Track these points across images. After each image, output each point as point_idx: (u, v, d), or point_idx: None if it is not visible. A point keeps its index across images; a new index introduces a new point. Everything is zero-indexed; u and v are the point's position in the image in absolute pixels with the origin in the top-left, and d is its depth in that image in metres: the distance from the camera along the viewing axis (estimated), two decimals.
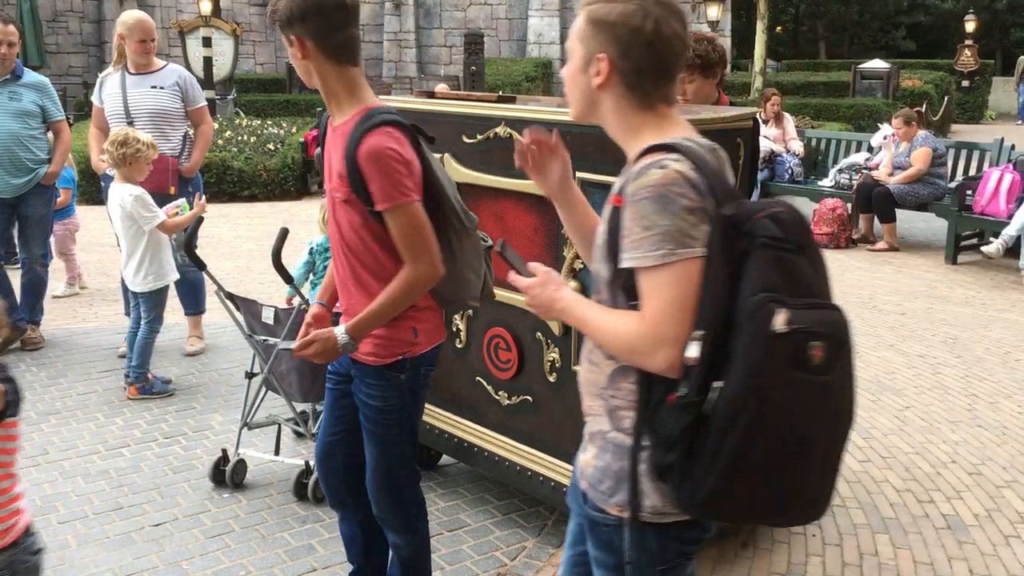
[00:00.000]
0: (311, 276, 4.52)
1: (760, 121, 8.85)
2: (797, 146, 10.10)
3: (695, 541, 1.79)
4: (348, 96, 2.45)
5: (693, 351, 1.56)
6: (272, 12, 2.43)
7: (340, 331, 2.47)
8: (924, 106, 12.73)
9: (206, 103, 5.61)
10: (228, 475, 3.82)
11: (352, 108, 2.44)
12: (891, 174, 8.77)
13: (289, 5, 2.37)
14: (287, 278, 3.82)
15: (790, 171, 9.97)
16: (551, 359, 3.20)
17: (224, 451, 3.89)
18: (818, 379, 1.54)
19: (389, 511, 2.68)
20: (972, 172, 9.09)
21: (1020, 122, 22.50)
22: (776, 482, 1.58)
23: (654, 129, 1.72)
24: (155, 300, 4.82)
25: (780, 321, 1.50)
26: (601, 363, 1.77)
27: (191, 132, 5.47)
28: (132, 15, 5.29)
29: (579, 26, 1.76)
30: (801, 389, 1.53)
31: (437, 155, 3.43)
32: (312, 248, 4.47)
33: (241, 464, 3.87)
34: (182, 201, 4.90)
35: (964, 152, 9.43)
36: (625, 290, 1.70)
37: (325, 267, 4.63)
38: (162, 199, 4.89)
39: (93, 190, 9.26)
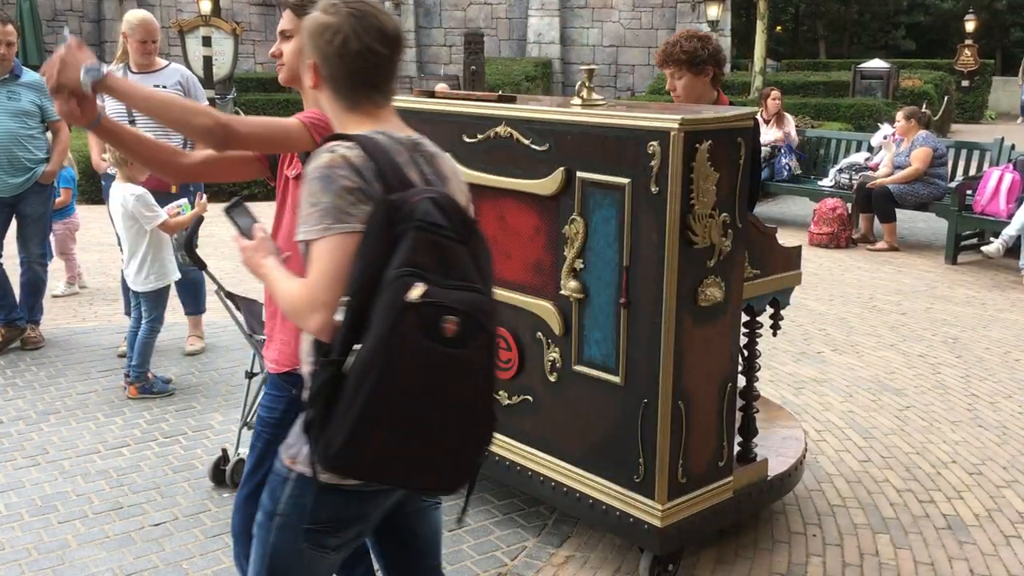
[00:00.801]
0: None
1: (760, 121, 8.85)
2: (790, 134, 10.09)
3: (353, 520, 1.88)
4: None
5: (339, 315, 1.70)
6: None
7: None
8: (924, 105, 12.69)
9: (208, 103, 5.61)
10: (228, 475, 3.81)
11: None
12: (890, 174, 8.77)
13: None
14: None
15: (788, 168, 9.96)
16: (551, 359, 3.20)
17: (224, 451, 3.88)
18: (450, 351, 1.67)
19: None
20: (972, 172, 9.09)
21: (1021, 120, 22.47)
22: (404, 442, 1.70)
23: (356, 127, 1.89)
24: (156, 300, 4.82)
25: (415, 293, 1.64)
26: (306, 332, 1.93)
27: None
28: (136, 15, 5.29)
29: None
30: (431, 357, 1.66)
31: None
32: None
33: (241, 464, 3.86)
34: (183, 201, 4.89)
35: (964, 152, 9.42)
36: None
37: None
38: (164, 198, 4.89)
39: (93, 189, 9.26)
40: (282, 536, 1.88)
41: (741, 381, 3.30)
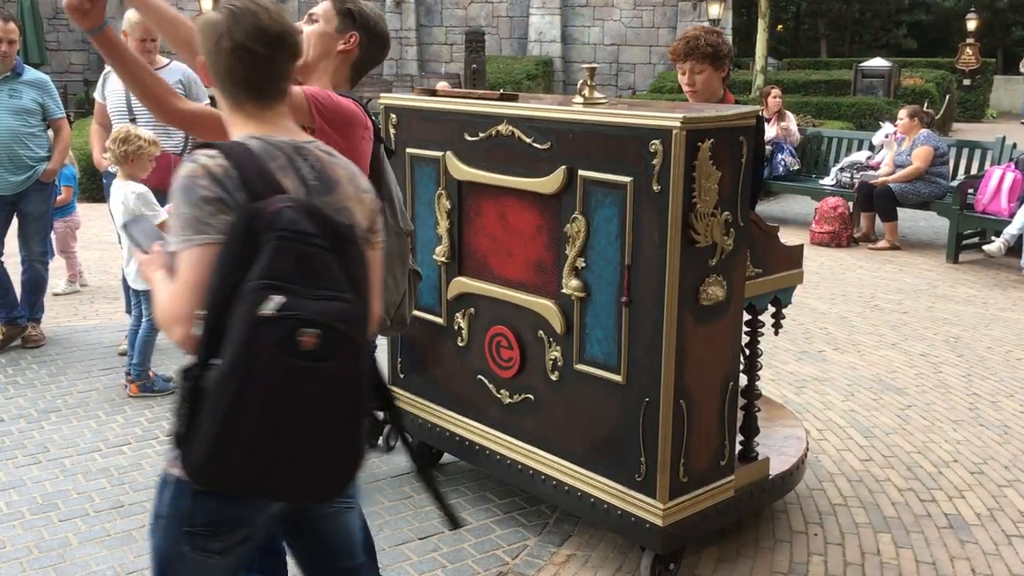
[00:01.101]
0: None
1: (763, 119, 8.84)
2: (791, 130, 10.07)
3: (233, 525, 1.85)
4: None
5: (197, 329, 1.70)
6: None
7: None
8: (925, 104, 12.67)
9: (209, 101, 5.60)
10: None
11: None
12: (892, 173, 8.76)
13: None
14: None
15: (783, 164, 9.95)
16: (553, 357, 3.20)
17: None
18: (311, 364, 1.64)
19: None
20: (974, 171, 9.08)
21: None
22: (268, 456, 1.69)
23: (240, 127, 1.88)
24: None
25: (270, 307, 1.61)
26: None
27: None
28: (136, 13, 5.28)
29: None
30: (289, 371, 1.63)
31: (439, 152, 3.45)
32: None
33: None
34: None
35: (966, 151, 9.41)
36: None
37: None
38: (165, 196, 4.88)
39: (94, 187, 9.25)
40: (166, 538, 1.87)
41: (743, 380, 3.30)
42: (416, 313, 3.68)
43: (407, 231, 2.72)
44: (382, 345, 3.92)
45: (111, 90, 5.32)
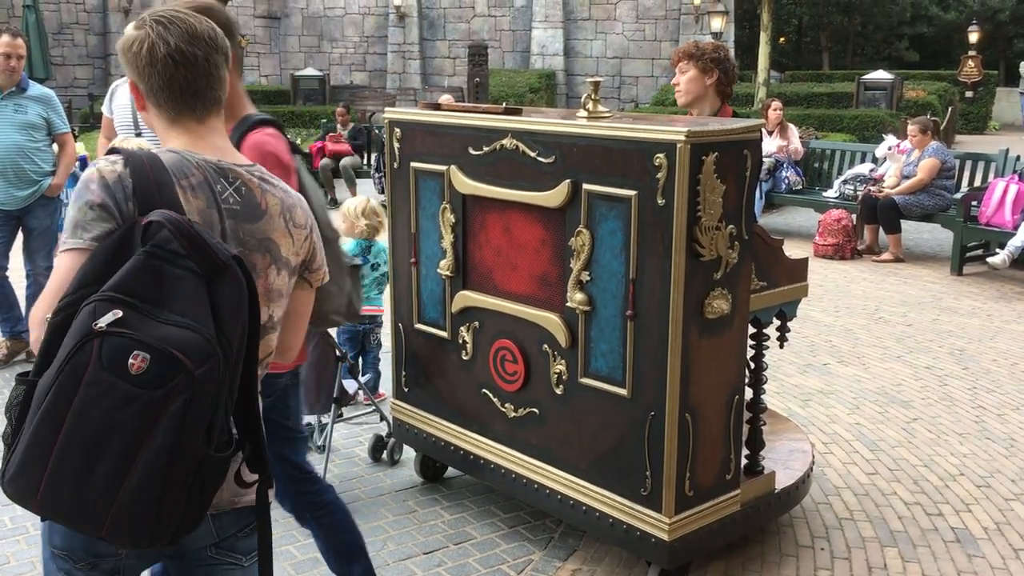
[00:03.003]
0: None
1: (764, 132, 8.84)
2: (794, 147, 10.07)
3: (90, 555, 1.71)
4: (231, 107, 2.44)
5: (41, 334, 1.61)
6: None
7: None
8: (928, 115, 12.69)
9: None
10: None
11: (231, 120, 2.44)
12: (898, 184, 8.76)
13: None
14: None
15: (786, 181, 9.96)
16: (557, 371, 3.19)
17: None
18: (136, 390, 1.50)
19: None
20: (977, 183, 9.08)
21: None
22: (75, 484, 1.52)
23: (177, 143, 1.80)
24: None
25: (104, 320, 1.51)
26: None
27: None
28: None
29: None
30: (109, 392, 1.50)
31: (443, 167, 3.45)
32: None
33: None
34: None
35: (969, 163, 9.42)
36: None
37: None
38: None
39: None
40: (43, 553, 1.79)
41: (748, 393, 3.29)
42: (420, 327, 3.69)
43: (334, 238, 2.64)
44: (386, 355, 3.92)
45: (118, 104, 5.34)
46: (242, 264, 1.66)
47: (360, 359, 4.87)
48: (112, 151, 1.72)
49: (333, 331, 4.32)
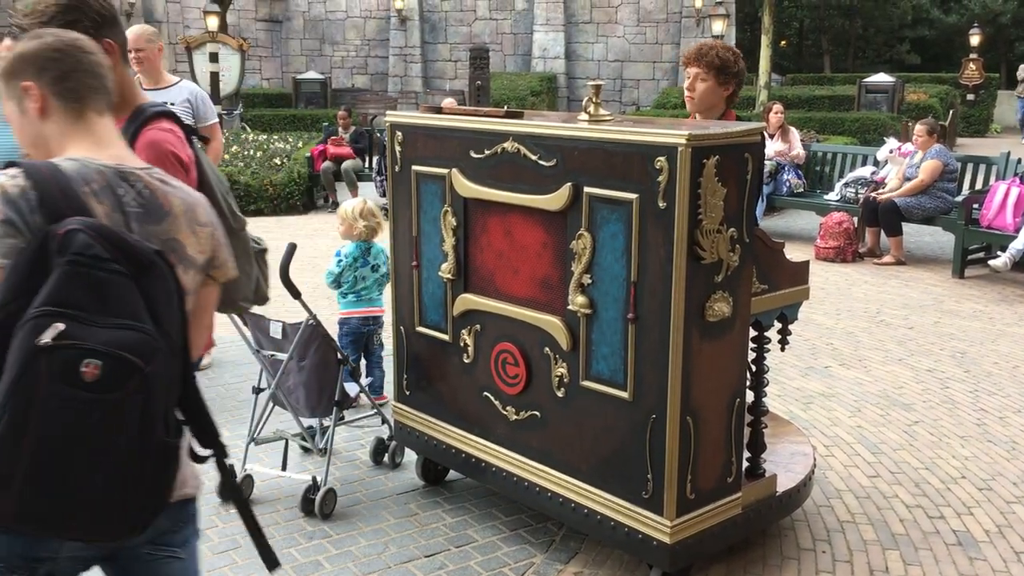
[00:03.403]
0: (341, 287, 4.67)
1: (765, 135, 8.84)
2: (796, 153, 10.09)
3: (26, 560, 1.73)
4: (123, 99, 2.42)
5: None
6: None
7: None
8: (929, 117, 12.70)
9: (218, 120, 5.64)
10: None
11: (125, 112, 2.42)
12: (901, 186, 8.76)
13: None
14: (295, 293, 3.82)
15: (787, 184, 9.97)
16: (559, 374, 3.20)
17: (231, 466, 3.87)
18: (95, 396, 1.56)
19: None
20: (979, 185, 9.08)
21: (1022, 137, 22.29)
22: (45, 491, 1.59)
23: (75, 148, 1.80)
24: None
25: (47, 336, 1.54)
26: None
27: (202, 148, 5.46)
28: (130, 29, 5.37)
29: None
30: (70, 403, 1.55)
31: (444, 170, 3.46)
32: (340, 259, 4.58)
33: (248, 479, 3.86)
34: None
35: (970, 165, 9.42)
36: None
37: (354, 277, 4.67)
38: None
39: None
40: None
41: (749, 396, 3.29)
42: (421, 330, 3.69)
43: (240, 227, 2.61)
44: (387, 357, 3.92)
45: None
46: (165, 258, 1.72)
47: (365, 360, 4.88)
48: (10, 164, 1.71)
49: (335, 334, 4.32)
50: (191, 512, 1.96)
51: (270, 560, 1.96)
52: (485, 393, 3.47)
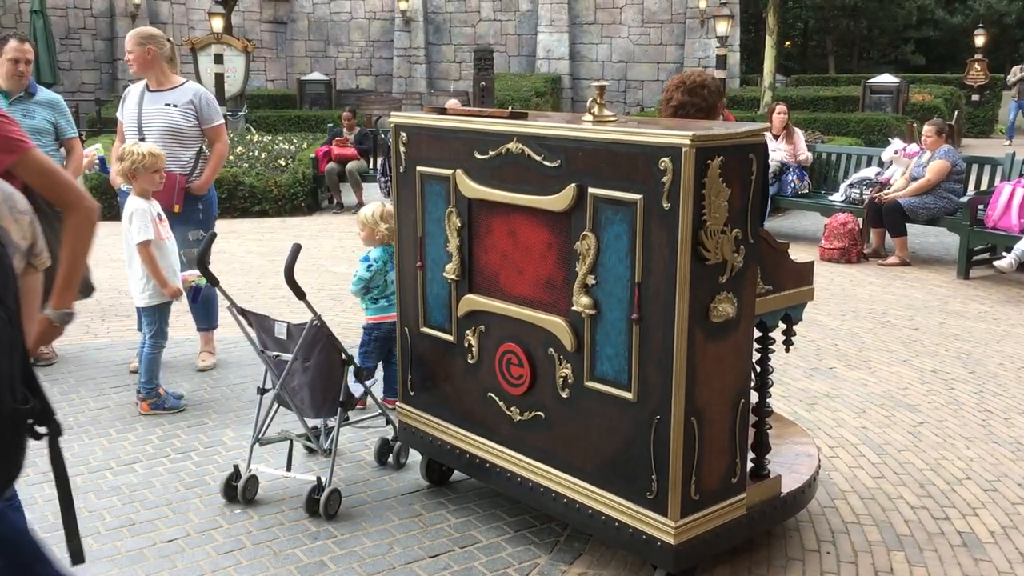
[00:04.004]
0: (370, 291, 4.66)
1: (769, 136, 8.85)
2: (804, 157, 10.09)
3: None
4: None
5: None
6: None
7: (48, 312, 2.52)
8: (936, 117, 12.68)
9: (223, 122, 5.64)
10: (240, 491, 3.81)
11: None
12: (907, 187, 8.75)
13: None
14: (300, 294, 3.82)
15: (792, 185, 9.96)
16: (563, 375, 3.20)
17: (236, 467, 3.88)
18: None
19: None
20: (984, 186, 9.06)
21: (1008, 142, 21.79)
22: None
23: None
24: (156, 315, 4.81)
25: None
26: None
27: (207, 149, 5.48)
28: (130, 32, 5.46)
29: None
30: None
31: (449, 171, 3.46)
32: (370, 264, 4.55)
33: (253, 480, 3.87)
34: (196, 273, 4.78)
35: (975, 166, 9.40)
36: None
37: (384, 281, 4.65)
38: (168, 216, 4.93)
39: (107, 206, 9.30)
40: None
41: (754, 397, 3.29)
42: (426, 331, 3.69)
43: (58, 215, 2.69)
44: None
45: (127, 109, 5.40)
46: (1, 240, 1.83)
47: (384, 365, 4.84)
48: None
49: (353, 340, 4.32)
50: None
51: (75, 554, 2.05)
52: (489, 394, 3.48)
